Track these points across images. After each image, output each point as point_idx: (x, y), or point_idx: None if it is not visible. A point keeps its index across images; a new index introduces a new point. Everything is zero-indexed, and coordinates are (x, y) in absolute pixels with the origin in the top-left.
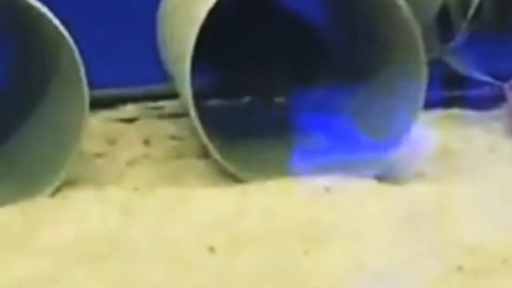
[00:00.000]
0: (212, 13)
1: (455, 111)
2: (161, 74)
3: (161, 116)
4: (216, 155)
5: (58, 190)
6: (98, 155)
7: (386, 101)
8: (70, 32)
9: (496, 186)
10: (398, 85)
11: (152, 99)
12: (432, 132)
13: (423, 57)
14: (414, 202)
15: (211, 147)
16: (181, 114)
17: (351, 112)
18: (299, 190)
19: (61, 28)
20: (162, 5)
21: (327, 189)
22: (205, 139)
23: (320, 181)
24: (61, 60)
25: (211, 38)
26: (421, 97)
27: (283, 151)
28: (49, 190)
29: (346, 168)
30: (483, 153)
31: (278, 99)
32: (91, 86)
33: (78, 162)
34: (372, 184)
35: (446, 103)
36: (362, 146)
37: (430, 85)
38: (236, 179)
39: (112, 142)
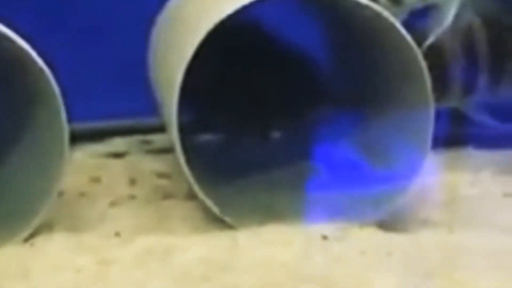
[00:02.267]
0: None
1: (465, 150)
2: (152, 106)
3: (150, 151)
4: (204, 199)
5: (31, 236)
6: (81, 194)
7: (392, 136)
8: (58, 63)
9: None
10: (404, 118)
11: (141, 132)
12: (441, 175)
13: (428, 84)
14: (421, 252)
15: (197, 189)
16: (171, 149)
17: (353, 146)
18: (294, 239)
19: (40, 63)
20: (153, 38)
21: (324, 238)
22: (191, 179)
23: (318, 229)
24: (42, 96)
25: (202, 71)
26: (430, 133)
27: (278, 192)
28: (21, 236)
29: (346, 211)
30: (496, 198)
31: (275, 134)
32: (78, 118)
33: (59, 202)
34: (374, 232)
35: (455, 141)
36: (364, 185)
37: (437, 121)
38: (226, 224)
39: (96, 179)
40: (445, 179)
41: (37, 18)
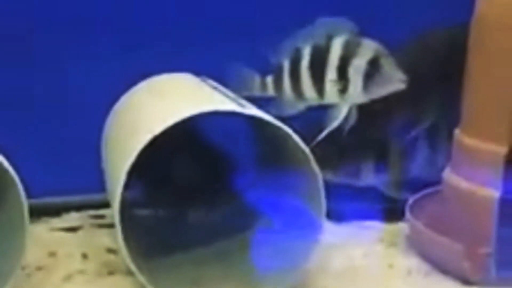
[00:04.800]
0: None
1: (366, 223)
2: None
3: (102, 226)
4: (137, 274)
5: None
6: (39, 268)
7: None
8: (16, 140)
9: None
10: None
11: (94, 207)
12: (339, 247)
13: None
14: None
15: (130, 264)
16: None
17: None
18: None
19: None
20: (108, 120)
21: None
22: (125, 254)
23: None
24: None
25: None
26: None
27: (210, 266)
28: None
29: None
30: (382, 269)
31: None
32: (38, 194)
33: (20, 275)
34: None
35: (358, 215)
36: (273, 258)
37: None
38: None
39: (52, 254)
40: (342, 250)
41: None
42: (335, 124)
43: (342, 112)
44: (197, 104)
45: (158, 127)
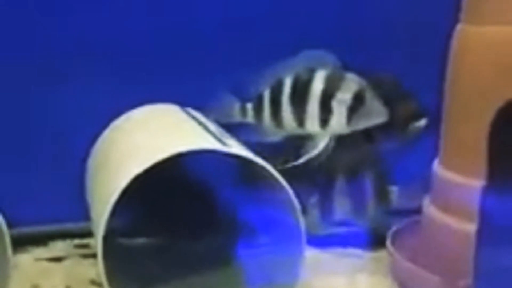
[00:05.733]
0: None
1: (349, 250)
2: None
3: (87, 256)
4: None
5: None
6: None
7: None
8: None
9: None
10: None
11: (80, 236)
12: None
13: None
14: None
15: None
16: None
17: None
18: None
19: None
20: (93, 150)
21: None
22: (105, 285)
23: None
24: None
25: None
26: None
27: None
28: None
29: None
30: None
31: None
32: (22, 223)
33: None
34: None
35: (342, 242)
36: None
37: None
38: None
39: (36, 286)
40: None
41: None
42: (314, 152)
43: (322, 142)
44: (181, 141)
45: (140, 166)
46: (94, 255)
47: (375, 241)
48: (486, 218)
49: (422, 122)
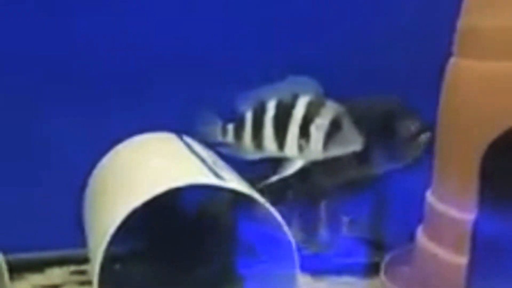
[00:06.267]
0: None
1: (343, 279)
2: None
3: (83, 283)
4: None
5: None
6: None
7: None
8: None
9: None
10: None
11: (76, 263)
12: None
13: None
14: None
15: None
16: None
17: None
18: None
19: None
20: (91, 177)
21: None
22: None
23: None
24: None
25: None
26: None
27: None
28: None
29: None
30: None
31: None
32: (19, 249)
33: None
34: None
35: (337, 270)
36: None
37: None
38: None
39: None
40: None
41: None
42: (287, 173)
43: (296, 166)
44: (178, 174)
45: (137, 200)
46: (90, 282)
47: (370, 269)
48: (478, 250)
49: (428, 134)
